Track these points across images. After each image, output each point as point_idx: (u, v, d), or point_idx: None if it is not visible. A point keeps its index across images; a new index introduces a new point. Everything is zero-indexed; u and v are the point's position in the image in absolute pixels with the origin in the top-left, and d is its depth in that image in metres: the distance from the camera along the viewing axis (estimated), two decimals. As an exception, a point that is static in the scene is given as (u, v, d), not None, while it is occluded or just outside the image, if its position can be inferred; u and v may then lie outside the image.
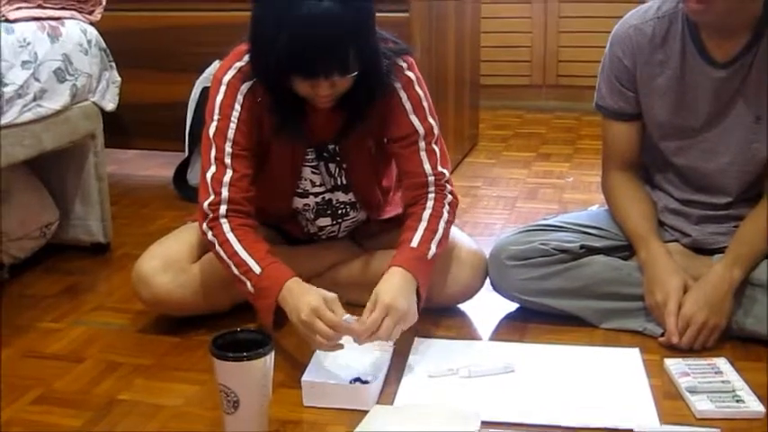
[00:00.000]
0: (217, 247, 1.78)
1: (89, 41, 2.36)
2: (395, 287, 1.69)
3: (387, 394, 1.65)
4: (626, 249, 1.98)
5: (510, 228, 2.45)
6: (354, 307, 1.93)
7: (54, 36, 2.22)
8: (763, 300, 1.80)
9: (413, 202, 1.88)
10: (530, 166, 3.45)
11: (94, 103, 2.41)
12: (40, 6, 2.23)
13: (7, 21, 2.10)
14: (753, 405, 1.58)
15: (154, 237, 2.01)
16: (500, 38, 4.54)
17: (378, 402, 1.60)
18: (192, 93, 2.97)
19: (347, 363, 1.71)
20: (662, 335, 1.84)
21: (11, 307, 2.13)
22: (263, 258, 1.74)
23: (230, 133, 1.80)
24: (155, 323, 1.99)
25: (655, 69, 1.90)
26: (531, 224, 2.05)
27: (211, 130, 1.81)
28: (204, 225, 1.79)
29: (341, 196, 1.97)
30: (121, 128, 2.98)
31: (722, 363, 1.73)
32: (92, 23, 2.41)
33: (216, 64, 2.95)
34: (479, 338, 1.93)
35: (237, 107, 1.80)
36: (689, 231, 1.96)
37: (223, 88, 1.82)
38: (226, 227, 1.77)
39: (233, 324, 1.87)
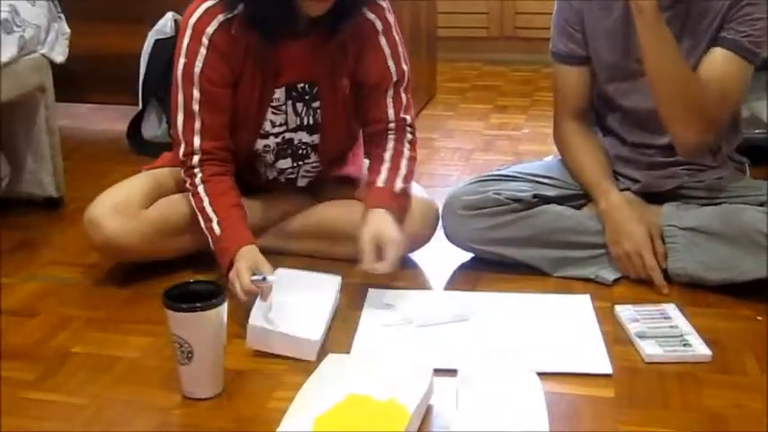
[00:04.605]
0: (191, 196, 1.85)
1: (36, -9, 2.31)
2: (380, 223, 1.76)
3: (342, 344, 1.66)
4: (578, 198, 2.00)
5: (465, 179, 2.46)
6: (311, 258, 1.95)
7: (-1, -14, 2.17)
8: (708, 246, 1.83)
9: (375, 144, 1.94)
10: (486, 119, 3.45)
11: (43, 55, 2.36)
12: (-17, -45, 2.18)
13: (-50, -30, 2.05)
14: (699, 349, 1.61)
15: (107, 191, 1.99)
16: (457, -12, 4.49)
17: (332, 352, 1.60)
18: (145, 45, 2.92)
19: (291, 311, 1.69)
20: (614, 281, 1.89)
21: (-38, 262, 2.11)
22: (225, 218, 1.80)
23: (196, 78, 1.81)
24: (108, 276, 1.98)
25: (602, 12, 1.91)
26: (485, 174, 2.06)
27: (179, 72, 1.83)
28: (182, 174, 1.87)
29: (304, 136, 1.96)
30: (74, 81, 2.92)
31: (671, 308, 1.76)
32: (38, -27, 2.36)
33: (169, 15, 2.91)
34: (433, 288, 1.95)
35: (203, 50, 1.80)
36: (638, 177, 1.98)
37: (189, 31, 1.81)
38: (197, 178, 1.84)
39: (186, 276, 1.88)
